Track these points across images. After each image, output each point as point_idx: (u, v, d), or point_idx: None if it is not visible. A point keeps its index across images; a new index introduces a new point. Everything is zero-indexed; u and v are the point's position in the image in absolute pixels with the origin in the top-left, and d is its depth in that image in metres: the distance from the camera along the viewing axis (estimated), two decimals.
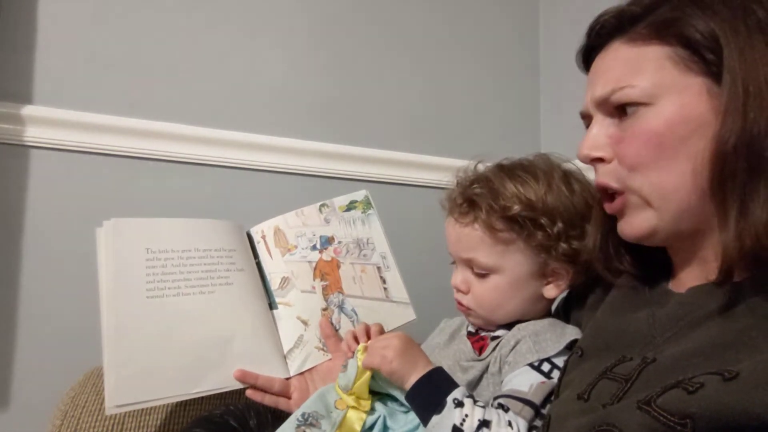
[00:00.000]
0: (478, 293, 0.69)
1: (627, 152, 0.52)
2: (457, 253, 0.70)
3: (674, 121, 0.49)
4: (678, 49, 0.49)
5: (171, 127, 1.07)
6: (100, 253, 0.74)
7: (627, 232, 0.55)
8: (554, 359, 0.62)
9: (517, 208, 0.65)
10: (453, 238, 0.70)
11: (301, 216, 0.86)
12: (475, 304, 0.69)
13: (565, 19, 1.40)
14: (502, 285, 0.68)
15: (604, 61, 0.55)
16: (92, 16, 1.04)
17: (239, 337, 0.76)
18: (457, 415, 0.55)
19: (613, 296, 0.63)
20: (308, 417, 0.64)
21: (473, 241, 0.68)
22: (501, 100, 1.41)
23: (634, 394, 0.45)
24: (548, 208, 0.65)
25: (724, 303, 0.47)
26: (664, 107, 0.49)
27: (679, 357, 0.45)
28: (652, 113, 0.50)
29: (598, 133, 0.55)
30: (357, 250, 0.85)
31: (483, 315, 0.70)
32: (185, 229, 0.81)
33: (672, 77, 0.49)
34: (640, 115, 0.51)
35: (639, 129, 0.51)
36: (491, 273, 0.68)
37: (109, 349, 0.69)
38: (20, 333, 0.95)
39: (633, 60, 0.52)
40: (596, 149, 0.55)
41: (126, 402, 0.67)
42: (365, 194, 0.89)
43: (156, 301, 0.73)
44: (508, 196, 0.66)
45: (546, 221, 0.65)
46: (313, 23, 1.22)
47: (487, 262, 0.67)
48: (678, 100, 0.49)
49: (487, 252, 0.67)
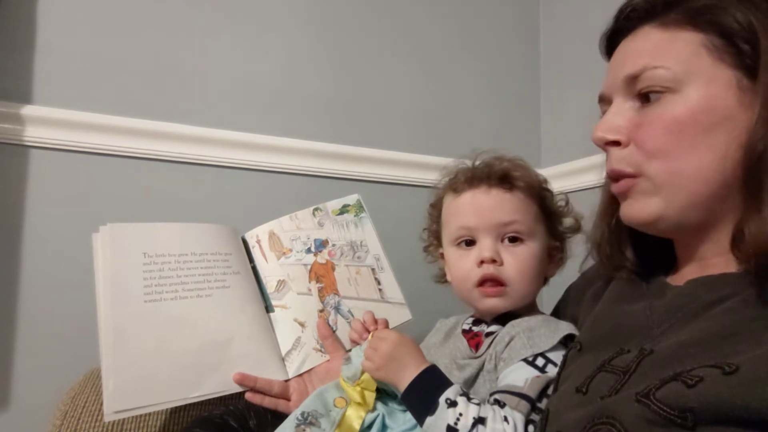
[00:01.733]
0: (515, 263, 0.69)
1: (646, 137, 0.51)
2: (493, 219, 0.69)
3: (699, 110, 0.48)
4: (713, 37, 0.49)
5: (170, 127, 1.07)
6: (97, 259, 0.74)
7: (630, 215, 0.55)
8: (548, 354, 0.63)
9: (541, 185, 0.74)
10: (487, 205, 0.70)
11: (295, 220, 0.87)
12: (515, 275, 0.68)
13: (566, 19, 1.40)
14: (535, 253, 0.70)
15: (633, 42, 0.54)
16: (92, 15, 1.04)
17: (237, 340, 0.77)
18: (451, 415, 0.55)
19: (611, 290, 0.63)
20: (307, 416, 0.64)
21: (517, 204, 0.70)
22: (501, 100, 1.41)
23: (632, 386, 0.45)
24: (550, 191, 0.75)
25: (721, 295, 0.47)
26: (690, 95, 0.49)
27: (676, 348, 0.45)
28: (677, 100, 0.49)
29: (616, 116, 0.54)
30: (351, 252, 0.86)
31: (518, 290, 0.69)
32: (181, 234, 0.81)
33: (704, 65, 0.49)
34: (664, 102, 0.50)
35: (661, 115, 0.50)
36: (526, 240, 0.70)
37: (107, 354, 0.69)
38: (20, 333, 0.95)
39: (666, 43, 0.51)
40: (613, 132, 0.54)
41: (125, 408, 0.67)
42: (357, 198, 0.90)
43: (154, 305, 0.73)
44: (532, 174, 0.73)
45: (552, 198, 0.75)
46: (312, 24, 1.22)
47: (528, 226, 0.70)
48: (705, 89, 0.48)
49: (525, 216, 0.70)
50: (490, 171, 0.72)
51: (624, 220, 0.56)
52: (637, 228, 0.56)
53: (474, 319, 0.75)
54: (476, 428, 0.54)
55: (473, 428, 0.54)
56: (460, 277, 0.72)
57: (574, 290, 0.76)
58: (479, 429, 0.54)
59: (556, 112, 1.41)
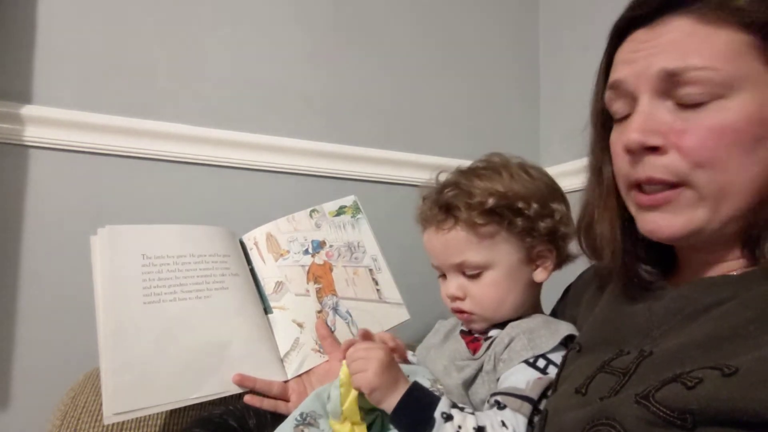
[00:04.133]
0: (477, 294, 0.69)
1: (695, 145, 0.46)
2: (446, 260, 0.70)
3: (754, 119, 0.45)
4: (758, 39, 0.45)
5: (171, 127, 1.07)
6: (95, 261, 0.74)
7: (664, 227, 0.50)
8: (549, 355, 0.63)
9: (491, 201, 0.66)
10: (438, 247, 0.70)
11: (292, 222, 0.87)
12: (477, 307, 0.69)
13: (565, 19, 1.39)
14: (499, 278, 0.68)
15: (666, 33, 0.48)
16: (92, 16, 1.04)
17: (236, 341, 0.77)
18: (449, 429, 0.55)
19: (611, 291, 0.62)
20: (306, 416, 0.65)
21: (460, 243, 0.68)
22: (500, 100, 1.40)
23: (631, 388, 0.45)
24: (519, 194, 0.68)
25: (721, 297, 0.47)
26: (743, 102, 0.45)
27: (676, 350, 0.45)
28: (728, 106, 0.45)
29: (653, 117, 0.48)
30: (348, 253, 0.86)
31: (487, 316, 0.69)
32: (179, 235, 0.81)
33: (753, 69, 0.45)
34: (712, 107, 0.46)
35: (711, 121, 0.46)
36: (485, 270, 0.68)
37: (107, 355, 0.69)
38: (20, 333, 0.95)
39: (710, 39, 0.46)
40: (653, 136, 0.48)
41: (125, 409, 0.67)
42: (354, 199, 0.90)
43: (153, 306, 0.73)
44: (480, 191, 0.67)
45: (522, 204, 0.67)
46: (309, 23, 1.22)
47: (479, 260, 0.68)
48: (759, 96, 0.45)
49: (475, 250, 0.68)
50: (434, 205, 0.70)
51: (650, 233, 0.51)
52: (660, 240, 0.52)
53: None
54: None
55: None
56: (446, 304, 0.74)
57: (573, 291, 0.76)
58: None
59: (555, 112, 1.41)
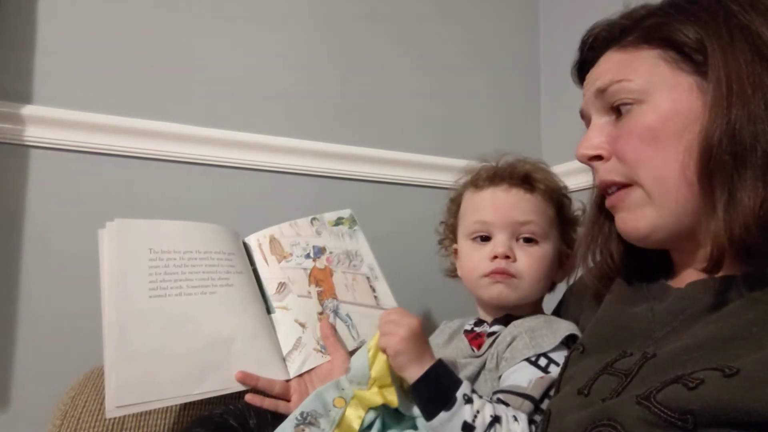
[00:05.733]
0: (527, 259, 0.70)
1: (625, 148, 0.53)
2: (511, 217, 0.71)
3: (667, 115, 0.51)
4: (669, 51, 0.52)
5: (171, 127, 1.07)
6: (103, 254, 0.74)
7: (627, 228, 0.56)
8: (551, 354, 0.63)
9: (557, 189, 0.75)
10: (505, 204, 0.72)
11: (294, 227, 0.90)
12: (526, 271, 0.70)
13: (566, 19, 1.39)
14: (545, 255, 0.71)
15: (599, 66, 0.58)
16: (92, 15, 1.04)
17: (240, 338, 0.77)
18: (468, 411, 0.55)
19: (613, 292, 0.63)
20: (307, 416, 0.65)
21: (534, 206, 0.72)
22: (501, 100, 1.41)
23: (633, 389, 0.45)
24: (569, 198, 0.77)
25: (722, 298, 0.48)
26: (658, 103, 0.51)
27: (678, 352, 0.46)
28: (646, 109, 0.52)
29: (594, 133, 0.57)
30: (347, 260, 0.89)
31: (526, 285, 0.70)
32: (186, 231, 0.81)
33: (665, 75, 0.52)
34: (634, 112, 0.53)
35: (634, 125, 0.52)
36: (540, 241, 0.71)
37: (111, 348, 0.69)
38: (20, 333, 0.95)
39: (627, 60, 0.54)
40: (594, 148, 0.56)
41: (128, 402, 0.66)
42: (350, 212, 0.94)
43: (158, 300, 0.73)
44: (553, 179, 0.75)
45: (569, 206, 0.76)
46: (316, 24, 1.22)
47: (543, 228, 0.71)
48: (670, 95, 0.51)
49: (541, 218, 0.72)
50: (513, 171, 0.74)
51: (623, 235, 0.57)
52: (635, 243, 0.56)
53: (477, 320, 0.76)
54: (494, 427, 0.54)
55: (491, 427, 0.54)
56: (471, 268, 0.73)
57: (575, 291, 0.76)
58: (496, 428, 0.54)
59: (556, 112, 1.41)
